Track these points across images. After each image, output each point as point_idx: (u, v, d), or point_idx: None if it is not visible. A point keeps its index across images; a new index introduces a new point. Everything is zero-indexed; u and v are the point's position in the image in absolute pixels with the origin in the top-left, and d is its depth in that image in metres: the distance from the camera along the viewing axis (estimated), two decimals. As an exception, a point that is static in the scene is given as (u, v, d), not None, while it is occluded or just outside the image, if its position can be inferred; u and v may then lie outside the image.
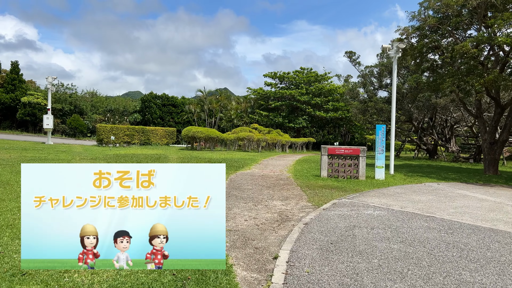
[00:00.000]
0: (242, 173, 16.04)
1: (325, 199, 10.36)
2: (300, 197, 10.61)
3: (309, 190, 11.99)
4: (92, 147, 33.42)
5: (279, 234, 6.68)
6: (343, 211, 8.81)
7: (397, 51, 17.40)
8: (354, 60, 36.46)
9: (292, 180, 14.23)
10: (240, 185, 12.64)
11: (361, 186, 13.28)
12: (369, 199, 10.71)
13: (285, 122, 47.90)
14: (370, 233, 6.81)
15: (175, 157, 23.76)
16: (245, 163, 21.03)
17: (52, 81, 35.49)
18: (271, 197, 10.43)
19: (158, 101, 54.34)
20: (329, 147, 15.52)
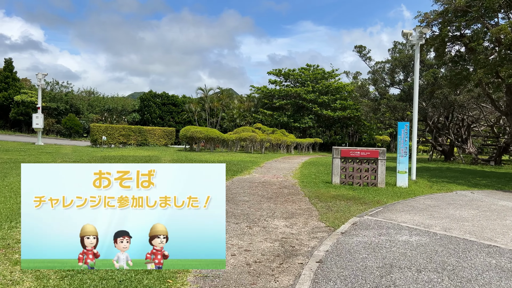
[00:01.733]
0: (240, 179, 13.73)
1: (341, 216, 8.02)
2: (309, 213, 8.28)
3: (320, 202, 9.66)
4: (84, 148, 31.30)
5: (281, 283, 4.36)
6: (369, 236, 6.47)
7: (420, 37, 15.02)
8: (364, 55, 33.99)
9: (298, 189, 11.89)
10: (235, 195, 10.33)
11: (383, 197, 10.92)
12: (398, 215, 8.36)
13: (290, 121, 45.44)
14: (418, 280, 4.48)
15: (168, 159, 21.50)
16: (245, 166, 18.71)
17: (42, 77, 33.40)
18: (271, 214, 8.10)
19: (158, 100, 52.12)
20: (342, 149, 13.16)
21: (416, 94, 15.52)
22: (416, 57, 15.46)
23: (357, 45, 34.49)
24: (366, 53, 34.17)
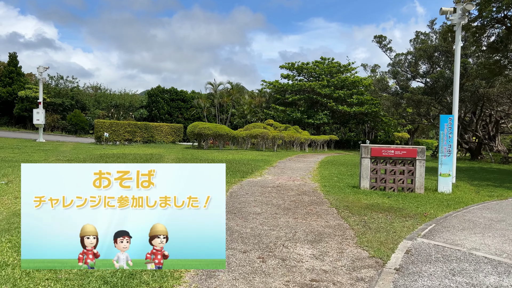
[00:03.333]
0: (251, 182, 11.70)
1: (386, 239, 5.93)
2: (342, 233, 6.21)
3: (352, 215, 7.57)
4: (86, 145, 29.62)
5: None
6: (438, 277, 4.39)
7: (463, 16, 12.76)
8: (384, 46, 31.53)
9: (321, 195, 9.81)
10: (244, 205, 8.30)
11: (428, 206, 8.78)
12: (460, 236, 6.23)
13: (304, 117, 43.15)
14: None
15: (172, 158, 19.58)
16: (257, 166, 16.67)
17: (43, 71, 31.85)
18: (292, 235, 6.04)
19: (166, 96, 50.27)
20: (372, 147, 11.01)
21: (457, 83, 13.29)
22: (457, 39, 13.21)
23: (376, 35, 32.09)
24: (386, 43, 31.74)
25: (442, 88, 26.22)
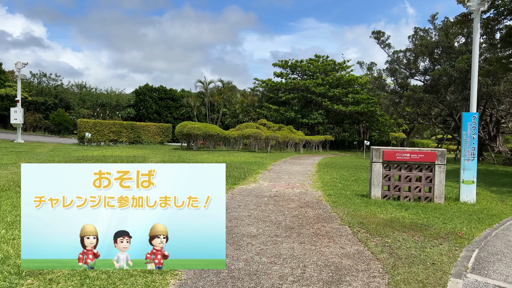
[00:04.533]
0: (243, 191, 10.10)
1: (428, 278, 4.40)
2: (366, 268, 4.65)
3: (371, 236, 6.03)
4: (67, 146, 27.75)
5: None
6: None
7: (482, 2, 11.33)
8: (383, 42, 30.12)
9: (327, 208, 8.25)
10: (235, 223, 6.70)
11: (456, 222, 7.29)
12: (523, 272, 4.72)
13: (298, 117, 41.61)
14: None
15: (157, 160, 17.90)
16: (250, 169, 15.09)
17: (22, 66, 29.89)
18: (301, 273, 4.47)
19: (155, 94, 48.36)
20: (385, 150, 9.48)
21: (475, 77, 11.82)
22: (475, 28, 11.77)
23: (374, 31, 30.69)
24: (385, 39, 30.33)
25: (445, 86, 24.87)
